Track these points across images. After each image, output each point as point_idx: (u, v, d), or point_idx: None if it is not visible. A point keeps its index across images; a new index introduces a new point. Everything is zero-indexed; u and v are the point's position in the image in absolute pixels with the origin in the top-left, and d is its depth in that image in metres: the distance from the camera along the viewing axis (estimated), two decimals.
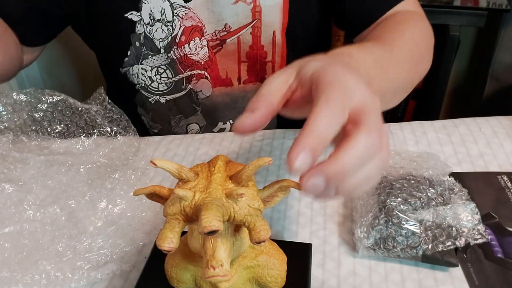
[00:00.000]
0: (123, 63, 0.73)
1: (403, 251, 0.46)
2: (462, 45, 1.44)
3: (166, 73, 0.73)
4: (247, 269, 0.40)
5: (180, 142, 0.68)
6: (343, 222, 0.53)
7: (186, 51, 0.71)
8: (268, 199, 0.39)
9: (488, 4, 1.38)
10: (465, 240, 0.47)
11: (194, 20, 0.69)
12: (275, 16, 0.70)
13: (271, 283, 0.41)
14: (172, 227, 0.34)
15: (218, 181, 0.35)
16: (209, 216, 0.32)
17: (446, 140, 0.65)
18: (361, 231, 0.47)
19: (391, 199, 0.48)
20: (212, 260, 0.34)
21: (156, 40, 0.70)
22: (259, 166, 0.35)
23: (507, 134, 0.65)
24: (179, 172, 0.36)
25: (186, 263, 0.40)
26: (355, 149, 0.31)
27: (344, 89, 0.33)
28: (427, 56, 0.62)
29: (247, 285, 0.41)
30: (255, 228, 0.34)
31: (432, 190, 0.50)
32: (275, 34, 0.72)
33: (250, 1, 0.68)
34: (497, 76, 1.53)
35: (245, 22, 0.70)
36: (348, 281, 0.46)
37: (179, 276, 0.41)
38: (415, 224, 0.47)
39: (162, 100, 0.76)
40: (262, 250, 0.41)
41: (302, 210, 0.55)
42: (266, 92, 0.36)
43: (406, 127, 0.68)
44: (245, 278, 0.41)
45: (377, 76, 0.47)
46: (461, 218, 0.48)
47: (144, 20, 0.68)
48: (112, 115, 0.66)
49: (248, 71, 0.75)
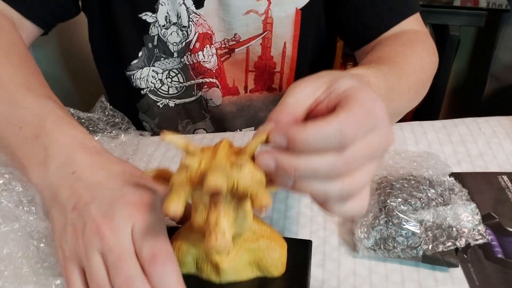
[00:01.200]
0: (129, 66, 0.72)
1: (403, 252, 0.46)
2: (462, 45, 1.44)
3: (178, 77, 0.72)
4: (248, 251, 0.41)
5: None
6: (343, 222, 0.53)
7: (200, 58, 0.71)
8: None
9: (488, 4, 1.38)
10: (466, 240, 0.47)
11: (204, 27, 0.68)
12: (287, 27, 0.70)
13: (272, 267, 0.42)
14: (178, 194, 0.35)
15: (222, 155, 0.36)
16: (214, 175, 0.33)
17: (446, 140, 0.65)
18: (361, 232, 0.47)
19: (391, 200, 0.48)
20: (215, 229, 0.35)
21: (170, 43, 0.69)
22: (262, 140, 0.35)
23: (507, 134, 0.65)
24: (187, 146, 0.37)
25: (188, 246, 0.41)
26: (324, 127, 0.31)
27: (371, 116, 0.32)
28: (428, 83, 0.61)
29: (248, 268, 0.42)
30: (257, 195, 0.34)
31: (432, 191, 0.50)
32: (285, 45, 0.71)
33: (262, 12, 0.67)
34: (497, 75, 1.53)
35: (255, 33, 0.69)
36: (348, 281, 0.46)
37: (181, 259, 0.42)
38: (415, 224, 0.47)
39: (171, 104, 0.75)
40: (263, 234, 0.42)
41: (302, 210, 0.55)
42: (291, 103, 0.34)
43: (406, 127, 0.68)
44: (246, 261, 0.42)
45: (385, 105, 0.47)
46: (461, 218, 0.48)
47: (160, 22, 0.67)
48: (114, 120, 0.66)
49: (255, 80, 0.74)
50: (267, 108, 0.77)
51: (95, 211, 0.38)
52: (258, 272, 0.42)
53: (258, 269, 0.42)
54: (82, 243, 0.38)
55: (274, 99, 0.76)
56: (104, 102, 0.66)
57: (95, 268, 0.37)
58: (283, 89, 0.76)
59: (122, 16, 0.68)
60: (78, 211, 0.39)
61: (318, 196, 0.33)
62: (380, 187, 0.51)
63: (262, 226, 0.42)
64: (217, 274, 0.41)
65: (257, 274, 0.42)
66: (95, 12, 0.70)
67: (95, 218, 0.38)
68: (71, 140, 0.44)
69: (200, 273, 0.42)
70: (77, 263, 0.39)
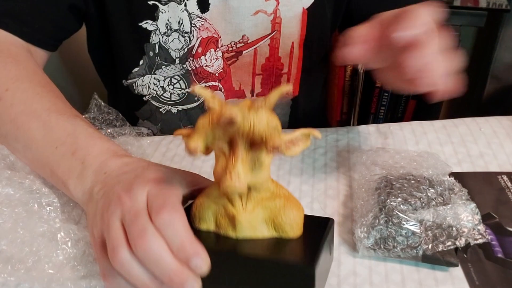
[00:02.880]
0: (130, 73, 0.71)
1: (403, 251, 0.46)
2: (462, 45, 1.44)
3: (180, 83, 0.72)
4: (265, 209, 0.42)
5: (180, 142, 0.68)
6: (343, 222, 0.53)
7: (202, 63, 0.71)
8: (288, 145, 0.40)
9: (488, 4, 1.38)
10: (465, 240, 0.47)
11: (210, 31, 0.68)
12: (295, 27, 0.70)
13: (287, 226, 0.42)
14: (200, 134, 0.38)
15: (243, 103, 0.39)
16: (230, 109, 0.36)
17: (446, 140, 0.65)
18: (361, 231, 0.47)
19: (391, 199, 0.48)
20: (231, 170, 0.38)
21: (172, 50, 0.69)
22: (281, 93, 0.38)
23: (507, 134, 0.65)
24: (213, 96, 0.39)
25: (209, 202, 0.43)
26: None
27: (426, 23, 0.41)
28: None
29: (263, 226, 0.43)
30: (272, 137, 0.37)
31: (432, 190, 0.50)
32: (293, 45, 0.72)
33: (270, 12, 0.68)
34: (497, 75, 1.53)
35: (264, 34, 0.70)
36: (348, 281, 0.46)
37: (202, 214, 0.43)
38: (415, 224, 0.47)
39: (174, 110, 0.75)
40: (280, 194, 0.42)
41: None
42: (355, 34, 0.44)
43: (406, 127, 0.68)
44: (262, 217, 0.42)
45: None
46: (461, 218, 0.48)
47: (160, 30, 0.67)
48: (110, 117, 0.66)
49: (262, 84, 0.75)
50: (274, 111, 0.76)
51: (118, 189, 0.42)
52: (274, 232, 0.43)
53: (274, 228, 0.43)
54: (107, 218, 0.40)
55: (281, 102, 0.77)
56: (98, 100, 0.67)
57: (113, 230, 0.39)
58: (290, 91, 0.76)
59: (122, 25, 0.68)
60: (106, 195, 0.43)
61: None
62: (380, 186, 0.51)
63: (280, 188, 0.43)
64: (234, 228, 0.42)
65: (273, 234, 0.43)
66: (94, 24, 0.71)
67: (118, 193, 0.41)
68: (105, 151, 0.49)
69: (219, 229, 0.43)
70: (104, 242, 0.41)
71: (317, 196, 0.56)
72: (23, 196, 0.50)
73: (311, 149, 0.64)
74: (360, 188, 0.53)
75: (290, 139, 0.39)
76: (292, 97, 0.78)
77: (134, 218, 0.38)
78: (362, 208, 0.50)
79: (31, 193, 0.50)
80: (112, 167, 0.46)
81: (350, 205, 0.55)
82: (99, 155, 0.48)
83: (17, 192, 0.50)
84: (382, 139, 0.66)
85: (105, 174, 0.46)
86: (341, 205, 0.55)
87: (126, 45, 0.69)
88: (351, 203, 0.55)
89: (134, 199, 0.40)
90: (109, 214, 0.40)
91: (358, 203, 0.52)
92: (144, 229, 0.38)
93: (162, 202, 0.39)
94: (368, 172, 0.55)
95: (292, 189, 0.57)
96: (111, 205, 0.41)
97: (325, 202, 0.55)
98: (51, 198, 0.50)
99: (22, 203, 0.49)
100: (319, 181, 0.59)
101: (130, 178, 0.43)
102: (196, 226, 0.44)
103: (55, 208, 0.49)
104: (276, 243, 0.42)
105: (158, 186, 0.41)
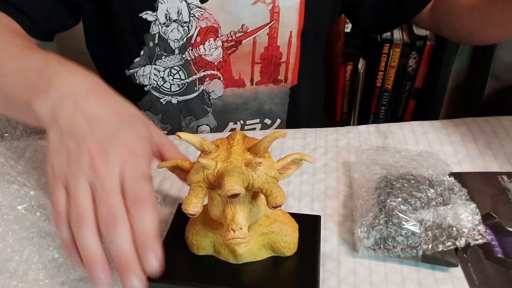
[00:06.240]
0: (132, 64, 0.72)
1: (403, 251, 0.46)
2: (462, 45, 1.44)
3: (179, 74, 0.73)
4: (262, 235, 0.44)
5: (180, 142, 0.68)
6: (343, 222, 0.53)
7: (201, 52, 0.71)
8: (282, 171, 0.41)
9: None
10: (465, 240, 0.47)
11: (210, 21, 0.69)
12: (293, 17, 0.71)
13: (285, 248, 0.44)
14: (196, 193, 0.38)
15: (237, 152, 0.39)
16: (231, 181, 0.35)
17: (446, 140, 0.65)
18: (361, 231, 0.47)
19: (391, 199, 0.48)
20: (232, 223, 0.37)
21: (171, 40, 0.69)
22: (275, 138, 0.38)
23: (507, 134, 0.65)
24: (202, 144, 0.39)
25: (206, 231, 0.44)
26: None
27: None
28: None
29: (262, 251, 0.44)
30: (272, 193, 0.37)
31: (432, 190, 0.50)
32: (291, 35, 0.72)
33: (269, 2, 0.68)
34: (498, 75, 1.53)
35: (262, 23, 0.70)
36: (348, 281, 0.46)
37: (200, 243, 0.44)
38: (415, 224, 0.47)
39: (174, 101, 0.76)
40: (276, 218, 0.44)
41: (302, 210, 0.55)
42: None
43: (406, 127, 0.68)
44: (261, 244, 0.44)
45: None
46: (461, 218, 0.48)
47: (160, 20, 0.68)
48: None
49: (261, 72, 0.75)
50: (273, 101, 0.78)
51: (91, 145, 0.40)
52: (272, 253, 0.45)
53: (272, 250, 0.45)
54: (74, 168, 0.40)
55: (279, 91, 0.78)
56: None
57: (81, 194, 0.39)
58: (288, 80, 0.77)
59: (122, 17, 0.68)
60: (75, 139, 0.41)
61: None
62: (380, 186, 0.51)
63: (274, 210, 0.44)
64: (234, 257, 0.44)
65: (271, 254, 0.45)
66: (92, 17, 0.71)
67: (91, 151, 0.40)
68: (73, 74, 0.46)
69: (218, 256, 0.45)
70: (64, 183, 0.40)
71: (317, 196, 0.57)
72: (14, 201, 0.49)
73: (311, 149, 0.64)
74: (360, 188, 0.53)
75: (282, 165, 0.41)
76: (290, 85, 0.78)
77: (107, 195, 0.38)
78: (362, 208, 0.50)
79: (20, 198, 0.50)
80: (82, 93, 0.44)
81: (350, 205, 0.55)
82: (67, 77, 0.46)
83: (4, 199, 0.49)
84: (382, 139, 0.66)
85: (73, 102, 0.43)
86: (341, 205, 0.55)
87: (126, 36, 0.70)
88: (351, 203, 0.55)
89: (109, 173, 0.39)
90: (77, 169, 0.39)
91: (358, 203, 0.52)
92: (115, 211, 0.38)
93: (138, 191, 0.39)
94: (368, 172, 0.55)
95: (292, 189, 0.57)
96: (83, 162, 0.40)
97: (325, 202, 0.56)
98: (41, 201, 0.49)
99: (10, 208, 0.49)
100: (319, 181, 0.59)
101: (104, 132, 0.41)
102: (195, 253, 0.45)
103: (45, 211, 0.49)
104: (275, 262, 0.45)
105: (134, 165, 0.40)
